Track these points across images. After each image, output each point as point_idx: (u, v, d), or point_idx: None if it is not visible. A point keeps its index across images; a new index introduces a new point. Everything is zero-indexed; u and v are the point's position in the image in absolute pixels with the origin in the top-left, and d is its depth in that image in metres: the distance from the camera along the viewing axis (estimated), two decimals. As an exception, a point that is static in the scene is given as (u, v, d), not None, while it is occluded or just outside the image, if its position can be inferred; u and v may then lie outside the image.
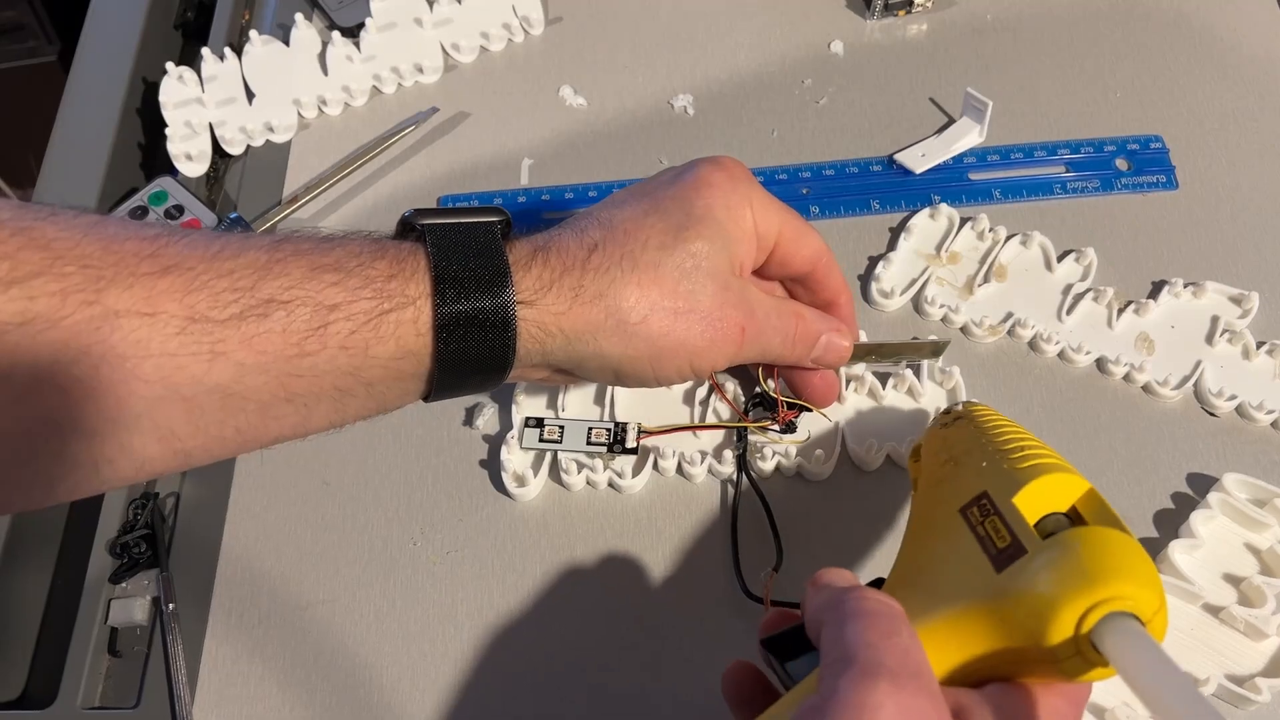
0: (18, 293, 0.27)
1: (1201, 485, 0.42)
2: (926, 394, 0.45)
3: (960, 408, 0.36)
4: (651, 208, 0.35)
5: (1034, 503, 0.29)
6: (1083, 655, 0.26)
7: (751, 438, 0.43)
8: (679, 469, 0.44)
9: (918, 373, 0.45)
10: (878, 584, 0.31)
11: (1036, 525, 0.29)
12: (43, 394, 0.27)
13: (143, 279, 0.28)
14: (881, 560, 0.41)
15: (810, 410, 0.43)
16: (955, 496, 0.31)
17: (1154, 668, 0.24)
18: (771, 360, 0.40)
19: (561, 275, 0.33)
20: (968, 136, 0.52)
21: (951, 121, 0.53)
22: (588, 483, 0.44)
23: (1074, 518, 0.30)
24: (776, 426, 0.42)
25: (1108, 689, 0.38)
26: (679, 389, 0.46)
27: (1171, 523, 0.41)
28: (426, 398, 0.34)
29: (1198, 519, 0.40)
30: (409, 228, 0.34)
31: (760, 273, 0.40)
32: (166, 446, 0.30)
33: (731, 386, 0.45)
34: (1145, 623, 0.25)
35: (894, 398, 0.45)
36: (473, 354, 0.32)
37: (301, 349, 0.30)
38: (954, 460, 0.33)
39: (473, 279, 0.32)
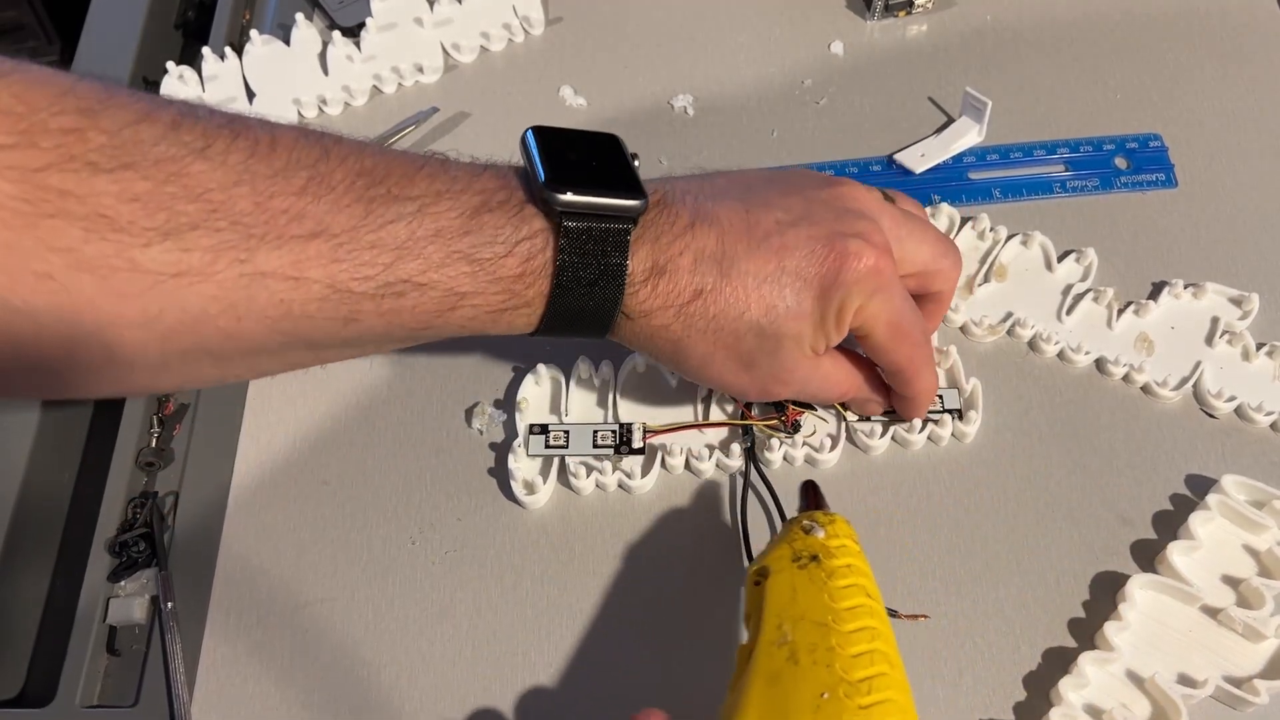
0: (172, 245, 0.28)
1: (1200, 487, 0.42)
2: None
3: (803, 539, 0.33)
4: (775, 273, 0.35)
5: None
6: None
7: (757, 434, 0.44)
8: (687, 465, 0.44)
9: None
10: None
11: None
12: (190, 334, 0.30)
13: (290, 242, 0.30)
14: (889, 548, 0.41)
15: (815, 409, 0.43)
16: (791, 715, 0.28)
17: None
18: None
19: (661, 308, 0.35)
20: (967, 136, 0.52)
21: (951, 121, 0.53)
22: (597, 485, 0.44)
23: None
24: (782, 429, 0.43)
25: (1106, 689, 0.38)
26: (681, 387, 0.46)
27: (1170, 524, 0.41)
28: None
29: (1196, 520, 0.40)
30: (545, 204, 0.33)
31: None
32: (285, 367, 0.35)
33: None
34: None
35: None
36: (567, 334, 0.36)
37: (428, 324, 0.33)
38: (792, 656, 0.30)
39: (589, 294, 0.34)
